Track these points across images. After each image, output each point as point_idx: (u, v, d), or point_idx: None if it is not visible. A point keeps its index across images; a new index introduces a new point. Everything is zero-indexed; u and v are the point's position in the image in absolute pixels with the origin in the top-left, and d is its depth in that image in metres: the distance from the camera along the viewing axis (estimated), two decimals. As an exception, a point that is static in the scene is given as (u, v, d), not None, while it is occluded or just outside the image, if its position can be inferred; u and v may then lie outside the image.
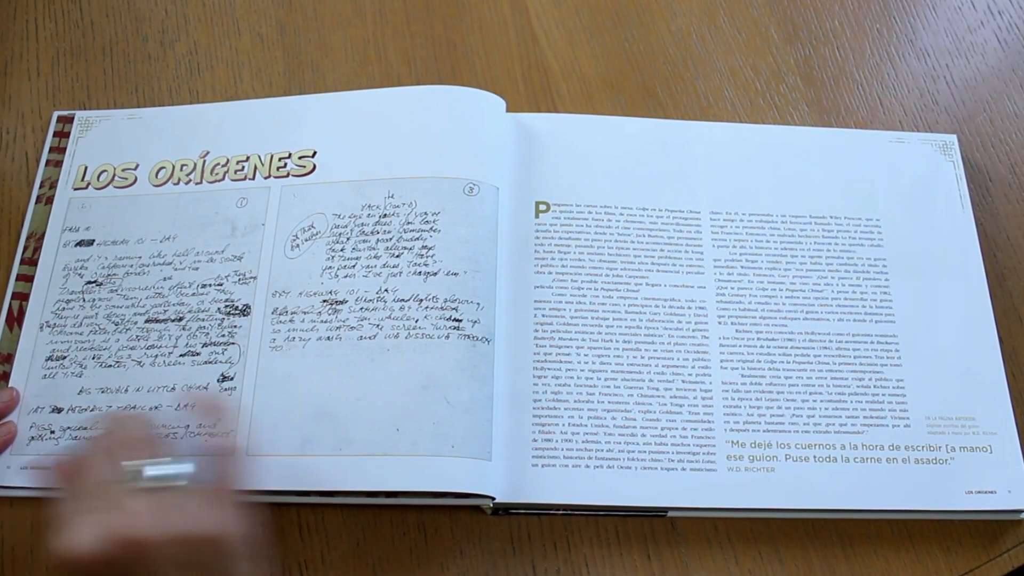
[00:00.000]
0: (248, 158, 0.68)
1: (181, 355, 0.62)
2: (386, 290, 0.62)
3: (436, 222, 0.63)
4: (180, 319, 0.63)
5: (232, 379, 0.61)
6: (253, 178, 0.67)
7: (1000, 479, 0.60)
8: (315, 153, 0.67)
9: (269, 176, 0.67)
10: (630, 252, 0.66)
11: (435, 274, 0.62)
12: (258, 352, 0.61)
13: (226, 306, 0.63)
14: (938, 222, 0.68)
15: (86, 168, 0.69)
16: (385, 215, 0.64)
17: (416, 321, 0.60)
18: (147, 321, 0.63)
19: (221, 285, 0.64)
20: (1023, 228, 0.70)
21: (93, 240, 0.66)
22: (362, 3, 0.77)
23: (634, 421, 0.61)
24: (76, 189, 0.68)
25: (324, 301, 0.62)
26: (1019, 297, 0.67)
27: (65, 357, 0.63)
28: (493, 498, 0.58)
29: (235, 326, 0.62)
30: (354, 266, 0.63)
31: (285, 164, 0.67)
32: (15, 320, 0.64)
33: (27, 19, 0.76)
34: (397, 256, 0.63)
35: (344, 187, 0.66)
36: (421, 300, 0.61)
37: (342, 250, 0.63)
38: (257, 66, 0.74)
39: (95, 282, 0.65)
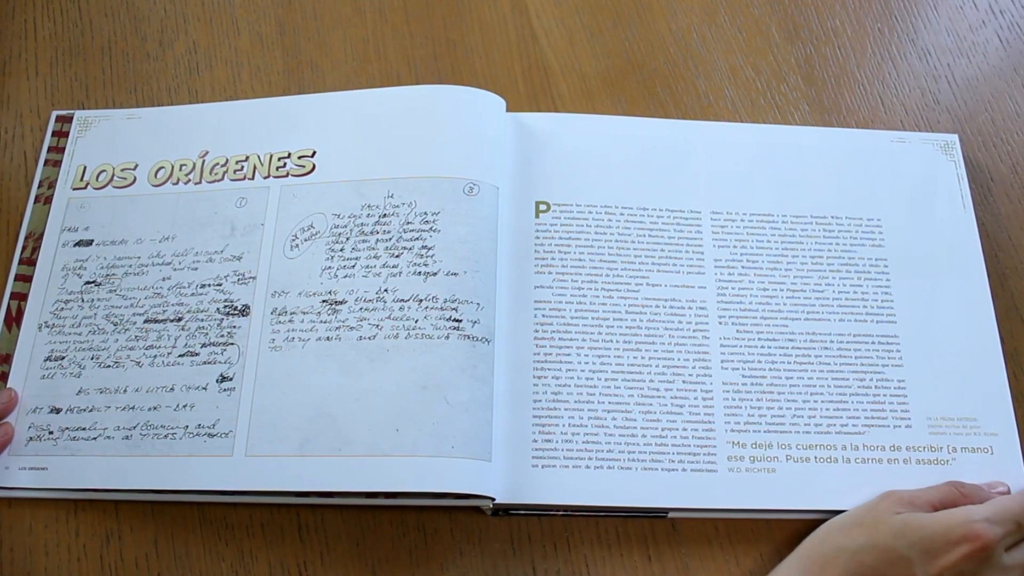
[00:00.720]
0: (247, 158, 0.68)
1: (180, 355, 0.62)
2: (386, 290, 0.61)
3: (436, 222, 0.63)
4: (179, 319, 0.63)
5: (231, 379, 0.60)
6: (252, 178, 0.67)
7: (1001, 480, 0.60)
8: (314, 153, 0.67)
9: (268, 176, 0.67)
10: (630, 252, 0.66)
11: (435, 274, 0.61)
12: (257, 352, 0.61)
13: (225, 306, 0.63)
14: (939, 222, 0.68)
15: (85, 168, 0.68)
16: (385, 215, 0.64)
17: (416, 321, 0.60)
18: (146, 321, 0.63)
19: (220, 285, 0.63)
20: (1025, 228, 0.70)
21: (92, 240, 0.66)
22: (361, 2, 0.77)
23: (634, 421, 0.60)
24: (75, 189, 0.68)
25: (323, 301, 0.62)
26: (1021, 297, 0.67)
27: (64, 357, 0.62)
28: (493, 499, 0.57)
29: (234, 326, 0.62)
30: (354, 266, 0.63)
31: (284, 164, 0.67)
32: (13, 320, 0.64)
33: (25, 18, 0.76)
34: (397, 256, 0.62)
35: (344, 187, 0.65)
36: (421, 300, 0.61)
37: (341, 250, 0.63)
38: (256, 65, 0.74)
39: (94, 282, 0.64)
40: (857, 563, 0.54)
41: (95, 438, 0.60)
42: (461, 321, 0.60)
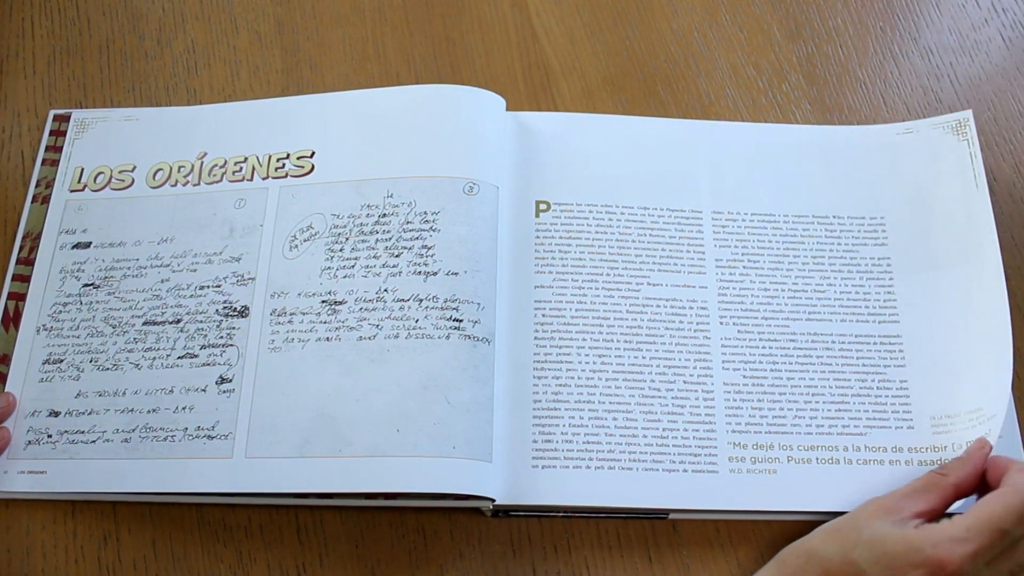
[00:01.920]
0: (246, 159, 0.67)
1: (179, 357, 0.61)
2: (386, 290, 0.61)
3: (436, 222, 0.63)
4: (178, 321, 0.63)
5: (231, 381, 0.60)
6: (251, 179, 0.67)
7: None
8: (313, 153, 0.67)
9: (267, 177, 0.67)
10: (631, 252, 0.65)
11: (435, 274, 0.61)
12: (257, 354, 0.61)
13: (224, 308, 0.63)
14: (946, 216, 0.66)
15: (82, 170, 0.68)
16: (384, 215, 0.64)
17: (416, 321, 0.60)
18: (145, 323, 0.63)
19: (219, 287, 0.63)
20: (1027, 227, 0.69)
21: (90, 243, 0.66)
22: (361, 1, 0.77)
23: (635, 421, 0.60)
24: (73, 191, 0.67)
25: (323, 302, 0.62)
26: (1023, 298, 0.67)
27: (62, 360, 0.62)
28: (493, 500, 0.57)
29: (233, 328, 0.62)
30: (353, 266, 0.62)
31: (283, 164, 0.67)
32: (11, 321, 0.63)
33: (23, 17, 0.75)
34: (397, 256, 0.62)
35: (343, 187, 0.65)
36: (421, 300, 0.61)
37: (341, 250, 0.63)
38: (255, 64, 0.74)
39: (92, 285, 0.64)
40: (822, 571, 0.52)
41: (94, 441, 0.59)
42: (462, 321, 0.60)
